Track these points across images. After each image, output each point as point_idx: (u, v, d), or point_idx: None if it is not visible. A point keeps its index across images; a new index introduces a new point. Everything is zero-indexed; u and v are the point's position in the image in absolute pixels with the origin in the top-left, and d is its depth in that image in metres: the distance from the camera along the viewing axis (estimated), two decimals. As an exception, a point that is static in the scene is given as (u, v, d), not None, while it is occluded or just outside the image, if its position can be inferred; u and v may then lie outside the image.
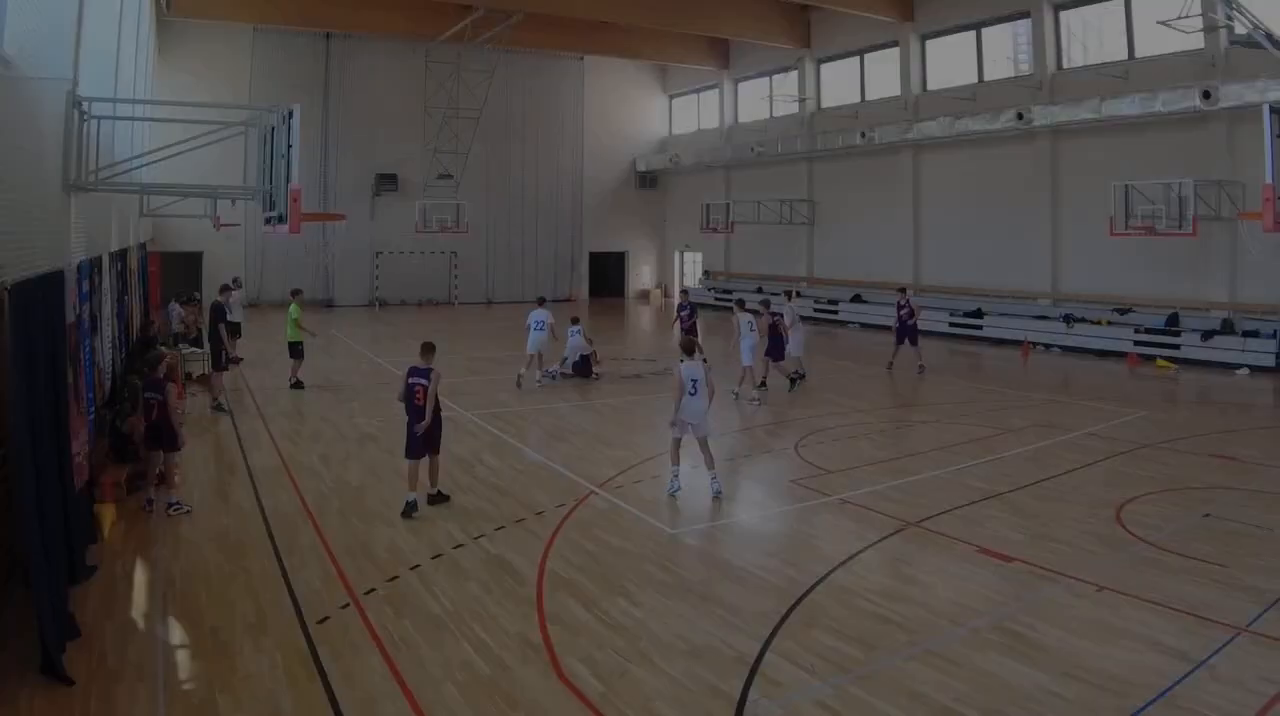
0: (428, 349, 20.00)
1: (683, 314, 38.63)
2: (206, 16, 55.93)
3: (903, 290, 39.09)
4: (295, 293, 34.72)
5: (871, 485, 21.04)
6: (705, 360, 22.01)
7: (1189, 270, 42.60)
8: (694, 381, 20.31)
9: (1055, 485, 21.15)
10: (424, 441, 19.38)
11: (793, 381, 33.69)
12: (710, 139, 76.09)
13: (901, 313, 37.56)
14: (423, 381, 19.39)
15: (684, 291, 48.32)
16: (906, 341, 37.70)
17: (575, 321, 36.22)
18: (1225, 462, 23.13)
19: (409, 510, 18.91)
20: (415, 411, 19.37)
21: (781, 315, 33.73)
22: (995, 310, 50.15)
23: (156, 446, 19.23)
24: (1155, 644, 12.59)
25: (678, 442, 20.62)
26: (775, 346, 33.10)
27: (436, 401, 19.44)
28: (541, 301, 37.17)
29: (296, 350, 33.29)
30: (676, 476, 20.51)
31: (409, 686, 11.56)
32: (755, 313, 32.63)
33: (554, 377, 35.32)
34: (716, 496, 20.16)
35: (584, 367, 35.98)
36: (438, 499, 19.66)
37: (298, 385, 33.18)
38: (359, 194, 69.30)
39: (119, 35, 27.92)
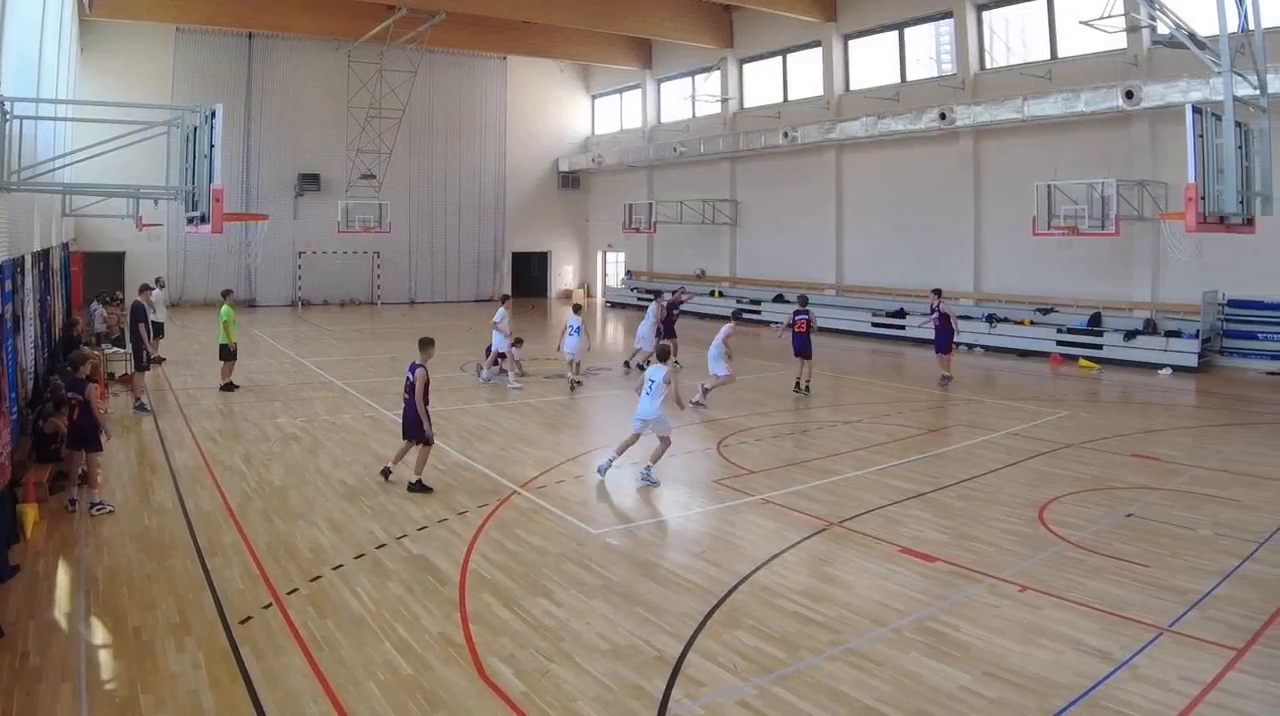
0: (422, 344, 21.10)
1: (672, 313, 38.90)
2: (128, 16, 55.24)
3: (937, 292, 37.07)
4: (226, 293, 34.18)
5: (794, 485, 20.99)
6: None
7: (1111, 270, 42.90)
8: (650, 382, 21.15)
9: (978, 485, 21.15)
10: (407, 428, 20.76)
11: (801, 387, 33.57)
12: (633, 139, 76.22)
13: (934, 319, 35.64)
14: (409, 375, 20.55)
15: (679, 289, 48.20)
16: (941, 348, 35.74)
17: (576, 310, 35.81)
18: (1147, 462, 23.20)
19: (384, 474, 21.21)
20: (406, 401, 20.80)
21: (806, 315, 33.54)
22: (918, 310, 49.95)
23: (77, 446, 19.00)
24: (1078, 644, 12.58)
25: (634, 438, 21.62)
26: (802, 344, 33.15)
27: (423, 397, 20.43)
28: (504, 299, 37.02)
29: (227, 352, 32.64)
30: (612, 461, 21.43)
31: (331, 686, 11.44)
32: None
33: (487, 378, 35.15)
34: (644, 485, 21.08)
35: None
36: (416, 488, 20.42)
37: (228, 387, 32.61)
38: (281, 194, 68.84)
39: (41, 35, 27.63)
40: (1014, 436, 26.34)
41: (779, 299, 59.17)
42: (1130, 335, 40.66)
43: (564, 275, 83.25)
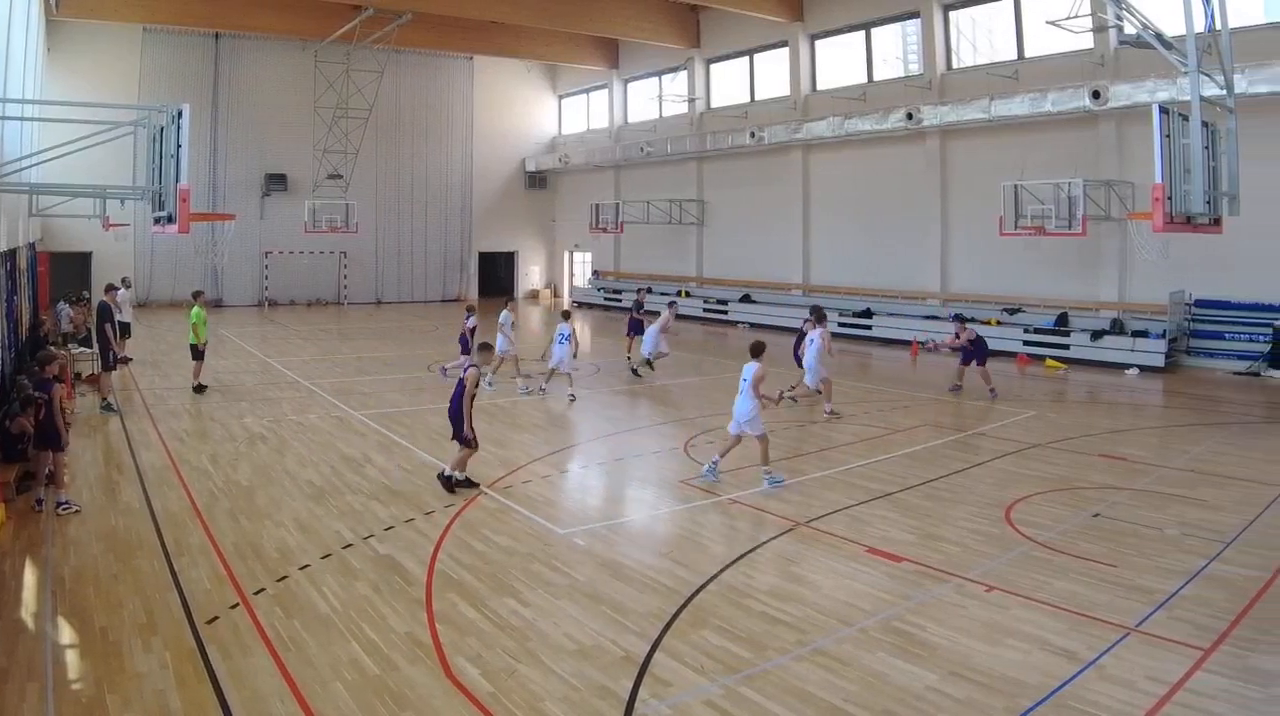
0: (481, 348, 21.93)
1: (638, 313, 38.77)
2: (95, 17, 55.09)
3: (960, 318, 35.25)
4: (196, 295, 33.92)
5: (761, 485, 20.89)
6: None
7: (1078, 270, 43.04)
8: (745, 381, 20.92)
9: (944, 485, 21.17)
10: (455, 426, 20.57)
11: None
12: (600, 139, 76.42)
13: (960, 342, 33.49)
14: (461, 373, 20.49)
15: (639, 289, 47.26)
16: (974, 362, 33.38)
17: (566, 317, 33.67)
18: (1114, 462, 23.22)
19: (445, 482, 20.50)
20: (452, 399, 20.70)
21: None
22: (884, 310, 50.43)
23: (43, 447, 18.92)
24: (1045, 644, 12.62)
25: (736, 441, 21.46)
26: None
27: (469, 397, 20.25)
28: (508, 302, 36.35)
29: (197, 352, 32.48)
30: (716, 463, 21.37)
31: (298, 686, 11.44)
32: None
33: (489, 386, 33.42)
34: (772, 488, 20.70)
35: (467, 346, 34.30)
36: (462, 483, 20.64)
37: (199, 388, 32.33)
38: (248, 194, 68.78)
39: (8, 35, 27.53)
40: (980, 436, 26.38)
41: (746, 299, 59.29)
42: (1097, 335, 40.73)
43: (531, 275, 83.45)
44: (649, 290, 45.16)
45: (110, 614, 13.49)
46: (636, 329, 38.32)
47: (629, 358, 38.01)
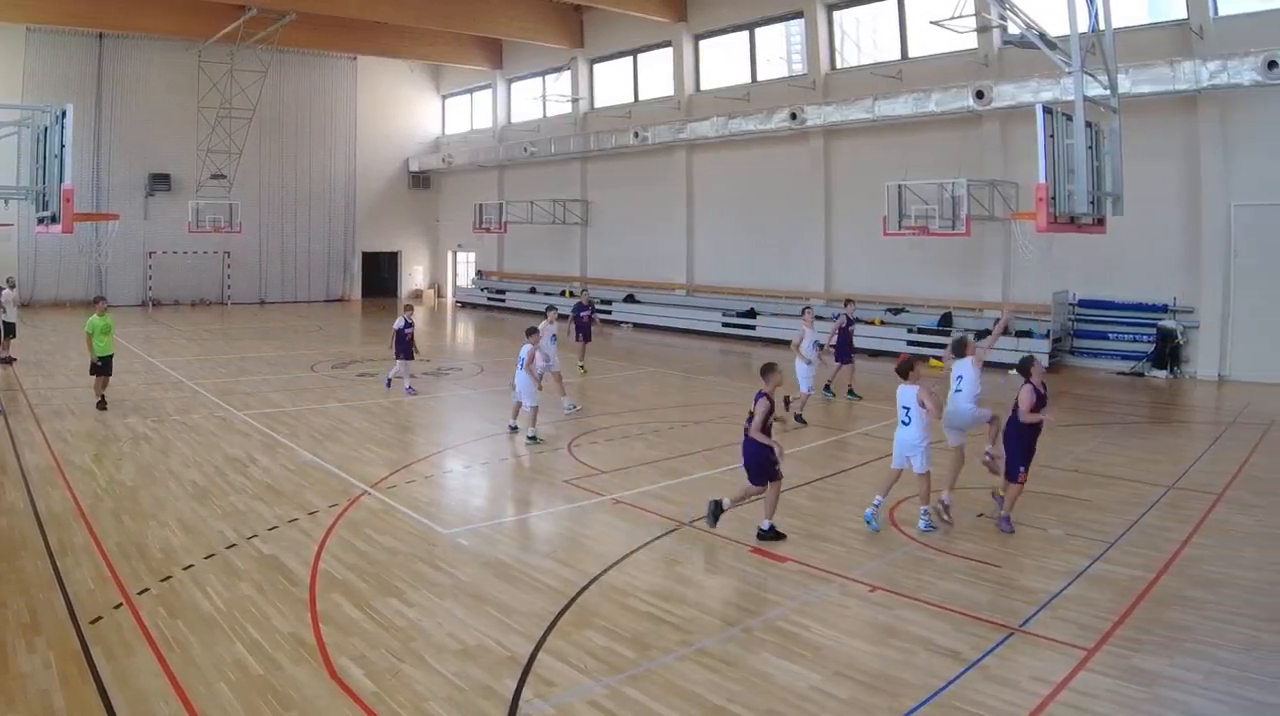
0: (764, 371, 18.10)
1: (582, 315, 37.87)
2: (-22, 18, 54.40)
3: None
4: (98, 300, 32.38)
5: (645, 485, 21.02)
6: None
7: (962, 270, 43.41)
8: (905, 408, 18.71)
9: (828, 485, 21.37)
10: (751, 469, 17.54)
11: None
12: (483, 139, 76.51)
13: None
14: (753, 405, 17.37)
15: (583, 289, 45.33)
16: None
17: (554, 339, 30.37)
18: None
19: (714, 512, 17.48)
20: (746, 437, 17.56)
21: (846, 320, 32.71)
22: (768, 310, 50.56)
23: None
24: (929, 644, 12.63)
25: (896, 474, 18.77)
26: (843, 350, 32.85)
27: (761, 428, 17.04)
28: (548, 311, 32.09)
29: (93, 366, 29.49)
30: (879, 504, 18.45)
31: (182, 686, 11.31)
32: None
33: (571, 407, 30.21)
34: (927, 531, 18.02)
35: (405, 349, 32.42)
36: (767, 535, 17.22)
37: (102, 404, 29.44)
38: (132, 193, 68.22)
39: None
40: (865, 436, 26.46)
41: (630, 299, 59.35)
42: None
43: (414, 275, 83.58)
44: (587, 291, 44.23)
45: (-6, 614, 13.31)
46: (585, 333, 37.78)
47: (581, 366, 37.50)
